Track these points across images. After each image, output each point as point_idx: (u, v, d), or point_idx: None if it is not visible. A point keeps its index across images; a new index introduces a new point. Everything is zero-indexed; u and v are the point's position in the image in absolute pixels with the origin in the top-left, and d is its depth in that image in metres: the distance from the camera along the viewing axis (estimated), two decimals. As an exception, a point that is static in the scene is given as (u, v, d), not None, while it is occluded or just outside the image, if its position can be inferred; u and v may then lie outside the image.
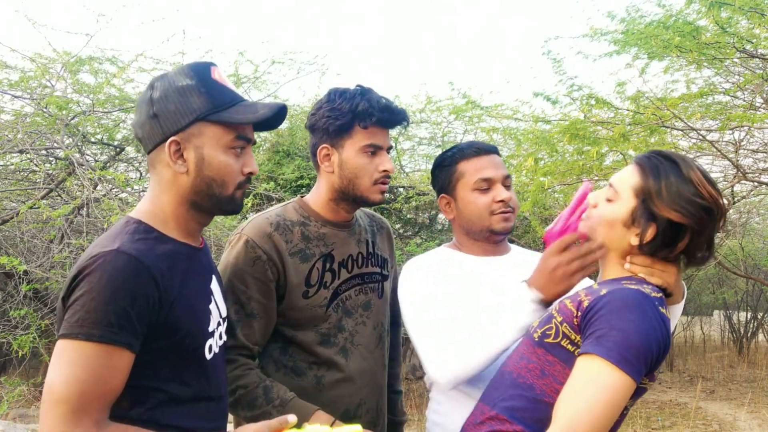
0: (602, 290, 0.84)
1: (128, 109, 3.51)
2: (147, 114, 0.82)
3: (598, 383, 0.76)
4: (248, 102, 0.85)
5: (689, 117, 3.17)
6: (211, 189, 0.82)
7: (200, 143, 0.81)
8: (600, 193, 0.93)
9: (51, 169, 3.57)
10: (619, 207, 0.88)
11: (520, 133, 3.50)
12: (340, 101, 1.06)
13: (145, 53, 3.48)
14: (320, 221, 1.11)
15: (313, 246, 1.09)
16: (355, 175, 1.07)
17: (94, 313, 0.70)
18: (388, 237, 1.26)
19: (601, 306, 0.80)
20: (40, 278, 3.23)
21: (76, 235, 3.22)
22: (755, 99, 3.37)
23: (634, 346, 0.77)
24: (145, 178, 3.89)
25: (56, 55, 3.57)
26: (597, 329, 0.79)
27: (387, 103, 1.07)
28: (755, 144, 3.63)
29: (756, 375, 4.76)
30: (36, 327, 2.99)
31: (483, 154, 1.13)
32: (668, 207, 0.83)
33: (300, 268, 1.07)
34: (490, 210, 1.10)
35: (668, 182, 0.84)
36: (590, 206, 0.93)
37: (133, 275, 0.72)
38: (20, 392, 3.11)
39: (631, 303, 0.80)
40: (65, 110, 3.26)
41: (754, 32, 2.94)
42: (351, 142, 1.07)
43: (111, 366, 0.71)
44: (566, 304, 0.86)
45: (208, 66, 0.84)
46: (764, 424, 3.61)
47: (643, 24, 3.18)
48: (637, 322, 0.78)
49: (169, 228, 0.82)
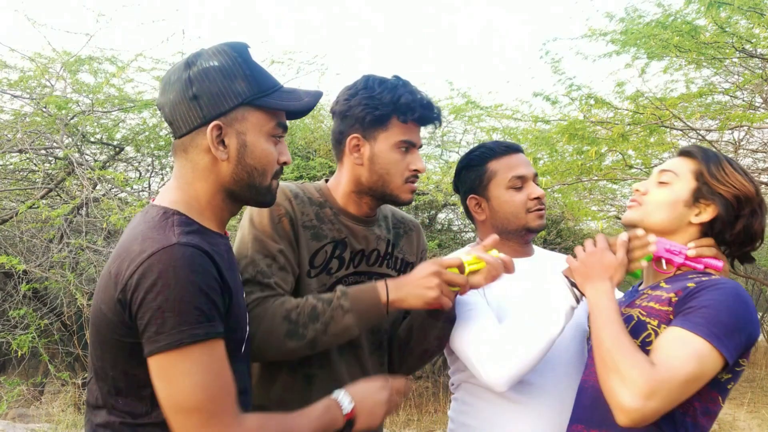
0: (689, 284, 0.86)
1: (127, 109, 3.51)
2: (183, 94, 0.75)
3: (688, 350, 0.77)
4: (288, 88, 0.80)
5: (689, 117, 3.17)
6: (251, 178, 0.78)
7: (243, 129, 0.76)
8: (648, 181, 0.96)
9: (50, 168, 3.57)
10: (680, 187, 0.93)
11: (519, 133, 3.50)
12: (381, 90, 0.99)
13: (144, 53, 3.48)
14: (337, 209, 1.05)
15: (327, 229, 1.03)
16: (387, 171, 1.01)
17: (185, 315, 0.66)
18: (418, 239, 1.18)
19: (693, 294, 0.83)
20: (40, 278, 3.23)
21: (76, 234, 3.22)
22: (754, 99, 3.37)
23: (723, 322, 0.79)
24: (145, 178, 3.89)
25: (56, 55, 3.57)
26: (690, 306, 0.82)
27: (428, 100, 1.02)
28: (755, 144, 3.63)
29: (755, 375, 4.76)
30: (35, 327, 2.99)
31: (512, 153, 1.13)
32: (728, 186, 0.90)
33: (310, 244, 1.00)
34: (527, 208, 1.09)
35: (723, 165, 0.92)
36: (640, 193, 0.96)
37: (204, 265, 0.68)
38: (19, 392, 3.11)
39: (726, 288, 0.83)
40: (65, 110, 3.26)
41: (753, 32, 2.93)
42: (386, 136, 1.00)
43: (220, 358, 0.68)
44: (654, 307, 0.88)
45: (246, 46, 0.79)
46: (764, 423, 3.61)
47: (642, 24, 3.18)
48: (730, 303, 0.80)
49: (205, 218, 0.77)
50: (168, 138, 3.70)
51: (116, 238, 3.19)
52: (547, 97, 3.28)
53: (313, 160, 3.52)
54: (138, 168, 3.98)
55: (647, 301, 0.90)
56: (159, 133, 3.72)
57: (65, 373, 3.16)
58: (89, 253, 3.10)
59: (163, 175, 3.97)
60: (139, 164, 3.95)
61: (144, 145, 3.70)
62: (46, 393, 3.68)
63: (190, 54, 0.78)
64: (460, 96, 3.46)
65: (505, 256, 0.97)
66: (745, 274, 4.32)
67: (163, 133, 3.74)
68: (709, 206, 0.91)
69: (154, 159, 3.88)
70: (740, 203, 0.90)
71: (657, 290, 0.91)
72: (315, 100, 0.81)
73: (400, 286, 0.94)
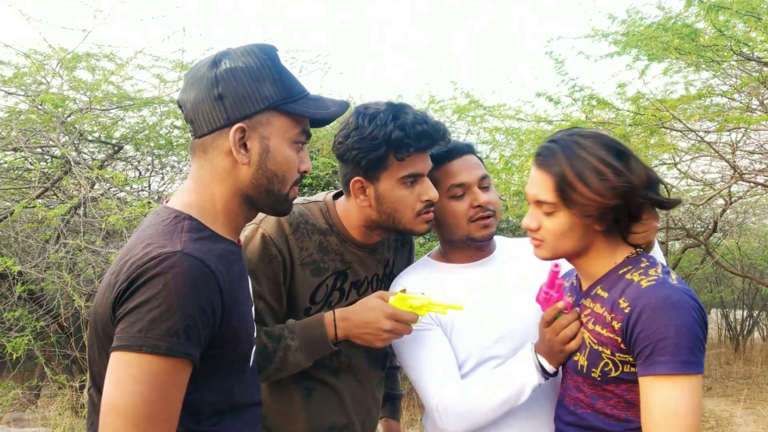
0: (620, 301, 0.82)
1: (126, 107, 3.45)
2: (208, 93, 0.73)
3: (681, 399, 0.76)
4: (314, 95, 0.79)
5: (688, 118, 3.21)
6: (271, 184, 0.75)
7: (267, 133, 0.74)
8: (532, 214, 0.88)
9: (46, 167, 3.50)
10: (564, 212, 0.85)
11: (522, 133, 3.52)
12: (372, 129, 0.94)
13: (144, 50, 3.41)
14: (344, 236, 1.03)
15: (329, 260, 1.01)
16: (395, 209, 0.97)
17: (159, 323, 0.63)
18: (410, 252, 1.19)
19: (635, 322, 0.80)
20: (35, 279, 3.16)
21: (73, 235, 3.15)
22: (751, 101, 3.43)
23: (685, 345, 0.77)
24: (144, 177, 3.83)
25: (52, 51, 3.49)
26: (644, 346, 0.79)
27: (423, 127, 0.94)
28: (751, 145, 3.69)
29: (752, 372, 4.83)
30: (31, 329, 2.92)
31: (455, 157, 1.04)
32: (589, 203, 0.82)
33: (309, 281, 0.99)
34: (468, 217, 1.02)
35: (574, 185, 0.83)
36: (532, 231, 0.89)
37: (201, 281, 0.65)
38: (14, 395, 3.04)
39: (658, 305, 0.79)
40: (61, 107, 3.19)
41: (750, 35, 2.99)
42: (387, 174, 0.96)
43: (175, 383, 0.64)
44: (601, 333, 0.85)
45: (276, 50, 0.77)
46: (760, 420, 3.67)
47: (643, 26, 3.22)
48: (676, 321, 0.78)
49: (218, 224, 0.75)
50: (168, 137, 3.65)
51: (115, 238, 3.14)
52: (550, 97, 3.31)
53: (316, 159, 3.50)
54: (137, 167, 3.91)
55: (592, 322, 0.87)
56: (159, 132, 3.66)
57: (62, 376, 3.10)
58: (87, 254, 3.04)
59: (163, 174, 3.92)
60: (139, 163, 3.89)
61: (144, 143, 3.64)
62: (42, 396, 3.61)
63: (217, 52, 0.76)
64: (463, 96, 3.47)
65: (463, 306, 0.92)
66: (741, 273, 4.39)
67: (163, 131, 3.69)
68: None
69: (154, 158, 3.82)
70: (623, 198, 0.81)
71: (596, 302, 0.88)
72: (342, 110, 0.79)
73: (349, 325, 0.93)
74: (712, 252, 4.26)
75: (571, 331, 0.89)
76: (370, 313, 0.92)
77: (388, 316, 0.91)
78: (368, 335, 0.93)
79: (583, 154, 0.83)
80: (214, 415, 0.72)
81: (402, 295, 0.93)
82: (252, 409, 0.78)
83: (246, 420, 0.77)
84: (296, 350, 0.93)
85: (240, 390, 0.75)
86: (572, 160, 0.83)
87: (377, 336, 0.92)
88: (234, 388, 0.74)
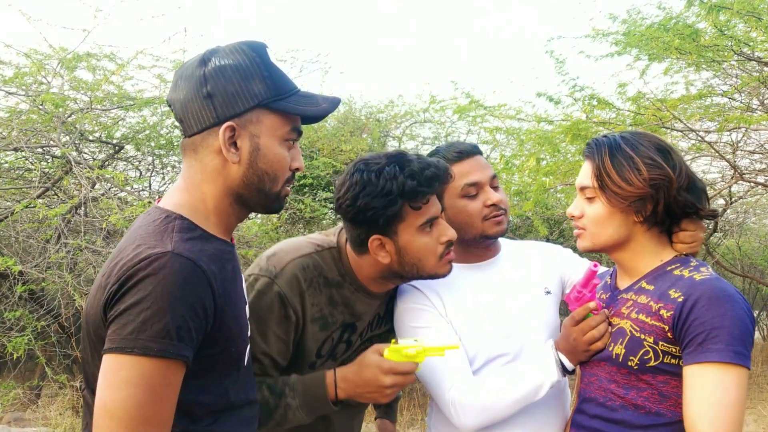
0: (671, 292, 0.83)
1: (127, 107, 3.45)
2: (197, 92, 0.72)
3: (730, 390, 0.77)
4: (305, 92, 0.78)
5: (688, 118, 3.21)
6: (262, 183, 0.75)
7: (257, 132, 0.73)
8: (577, 202, 0.93)
9: (47, 167, 3.50)
10: (603, 200, 0.89)
11: (522, 133, 3.52)
12: (383, 184, 0.90)
13: (145, 50, 3.41)
14: (356, 286, 1.00)
15: (338, 313, 0.99)
16: (419, 258, 0.95)
17: (150, 324, 0.62)
18: None
19: (689, 309, 0.81)
20: (36, 279, 3.16)
21: (74, 235, 3.16)
22: (752, 101, 3.43)
23: (738, 336, 0.78)
24: (145, 177, 3.83)
25: (52, 51, 3.49)
26: (698, 333, 0.79)
27: (431, 170, 0.92)
28: (752, 145, 3.69)
29: (752, 372, 4.82)
30: (32, 329, 2.93)
31: (466, 157, 1.06)
32: (629, 190, 0.86)
33: (317, 336, 0.98)
34: (482, 216, 1.04)
35: (612, 176, 0.88)
36: (575, 219, 0.93)
37: (193, 281, 0.65)
38: (15, 395, 3.04)
39: (715, 295, 0.80)
40: (62, 107, 3.20)
41: (751, 35, 2.99)
42: (404, 226, 0.94)
43: (168, 384, 0.63)
44: (645, 321, 0.86)
45: (265, 46, 0.76)
46: (760, 419, 3.68)
47: (644, 26, 3.22)
48: (732, 312, 0.79)
49: (210, 224, 0.74)
50: (169, 137, 3.65)
51: (116, 238, 3.14)
52: (550, 97, 3.30)
53: (316, 159, 3.50)
54: (138, 167, 3.91)
55: (635, 311, 0.87)
56: (160, 132, 3.66)
57: (63, 376, 3.10)
58: (88, 254, 3.04)
59: (164, 174, 3.92)
60: (140, 163, 3.89)
61: (144, 143, 3.64)
62: (43, 396, 3.61)
63: (206, 50, 0.75)
64: (464, 96, 3.47)
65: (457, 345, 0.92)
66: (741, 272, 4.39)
67: (164, 131, 3.69)
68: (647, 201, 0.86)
69: (154, 158, 3.82)
70: (657, 190, 0.85)
71: (641, 294, 0.89)
72: (333, 107, 0.79)
73: (350, 386, 0.92)
74: (713, 252, 4.26)
75: (599, 332, 0.90)
76: (368, 371, 0.91)
77: (387, 371, 0.89)
78: (371, 393, 0.92)
79: (623, 145, 0.89)
80: (209, 415, 0.71)
81: (395, 347, 0.90)
82: (248, 407, 0.78)
83: (242, 419, 0.76)
84: (297, 408, 0.93)
85: (235, 389, 0.75)
86: (613, 150, 0.89)
87: (380, 393, 0.91)
88: (229, 388, 0.74)
